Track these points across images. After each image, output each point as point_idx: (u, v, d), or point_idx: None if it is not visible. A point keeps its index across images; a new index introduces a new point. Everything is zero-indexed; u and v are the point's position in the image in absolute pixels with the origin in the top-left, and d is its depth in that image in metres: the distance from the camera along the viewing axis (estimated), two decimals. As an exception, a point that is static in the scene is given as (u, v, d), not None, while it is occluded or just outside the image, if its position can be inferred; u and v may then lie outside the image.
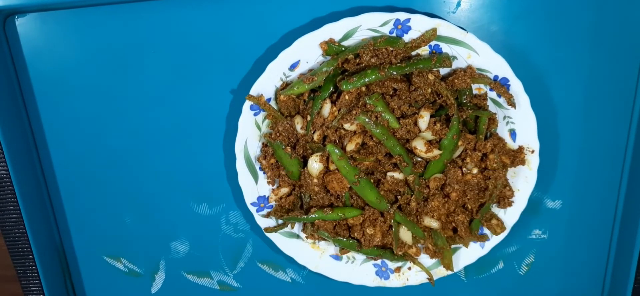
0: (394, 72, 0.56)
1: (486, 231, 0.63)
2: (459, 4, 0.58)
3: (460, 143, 0.58)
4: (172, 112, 0.64)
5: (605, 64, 0.59)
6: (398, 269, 0.66)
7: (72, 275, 0.74)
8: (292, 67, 0.58)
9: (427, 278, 0.65)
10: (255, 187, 0.63)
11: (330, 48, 0.57)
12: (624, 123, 0.62)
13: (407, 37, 0.57)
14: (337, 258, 0.66)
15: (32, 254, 0.67)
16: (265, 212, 0.64)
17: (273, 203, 0.64)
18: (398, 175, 0.59)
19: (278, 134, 0.60)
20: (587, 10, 0.57)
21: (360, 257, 0.66)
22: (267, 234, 0.64)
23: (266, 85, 0.59)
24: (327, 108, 0.58)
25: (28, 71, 0.63)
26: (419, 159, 0.59)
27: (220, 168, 0.67)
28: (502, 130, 0.60)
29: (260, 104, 0.59)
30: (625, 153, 0.63)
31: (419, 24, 0.56)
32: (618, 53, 0.59)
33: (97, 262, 0.73)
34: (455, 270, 0.64)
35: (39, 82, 0.64)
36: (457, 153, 0.59)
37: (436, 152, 0.57)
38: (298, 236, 0.66)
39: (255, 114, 0.60)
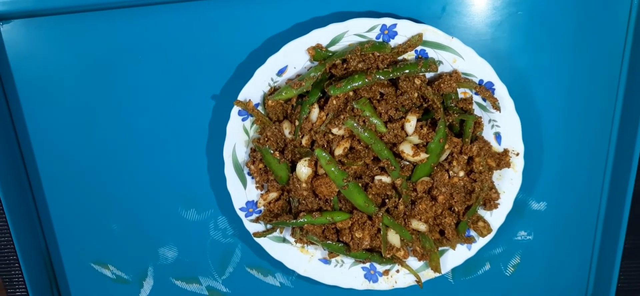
0: (381, 77, 0.56)
1: (473, 233, 0.64)
2: (444, 10, 0.59)
3: (446, 146, 0.58)
4: (158, 118, 0.64)
5: (587, 68, 0.60)
6: (386, 272, 0.66)
7: (59, 282, 0.73)
8: (280, 72, 0.59)
9: (415, 281, 0.65)
10: (243, 192, 0.63)
11: (318, 53, 0.57)
12: (606, 125, 0.63)
13: (393, 43, 0.57)
14: (325, 262, 0.66)
15: (18, 262, 0.66)
16: (253, 216, 0.64)
17: (262, 208, 0.64)
18: (386, 179, 0.60)
19: (266, 139, 0.60)
20: (569, 16, 0.59)
21: (348, 261, 0.66)
22: (256, 239, 0.64)
23: (254, 90, 0.59)
24: (315, 113, 0.58)
25: (13, 77, 0.63)
26: (407, 163, 0.60)
27: (209, 174, 0.66)
28: (488, 134, 0.61)
29: (248, 109, 0.59)
30: (608, 154, 0.64)
31: (405, 29, 0.56)
32: (599, 57, 0.60)
33: (84, 269, 0.72)
34: (443, 272, 0.65)
35: (24, 88, 0.63)
36: (444, 156, 0.60)
37: (423, 155, 0.58)
38: (287, 241, 0.66)
39: (243, 119, 0.60)
